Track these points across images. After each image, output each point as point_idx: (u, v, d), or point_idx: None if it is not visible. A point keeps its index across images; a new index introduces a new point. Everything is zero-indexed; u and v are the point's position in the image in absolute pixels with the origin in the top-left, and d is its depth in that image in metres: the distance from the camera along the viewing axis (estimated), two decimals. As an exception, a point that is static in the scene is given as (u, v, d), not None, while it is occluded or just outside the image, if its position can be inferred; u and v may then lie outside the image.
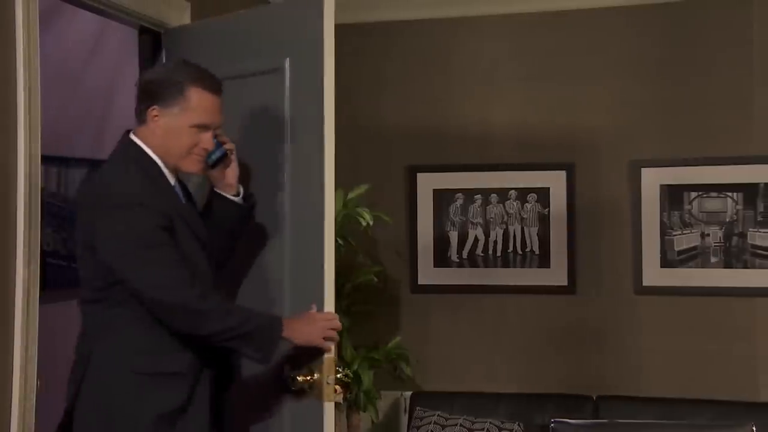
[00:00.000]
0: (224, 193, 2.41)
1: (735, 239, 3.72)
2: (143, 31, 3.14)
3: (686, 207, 3.78)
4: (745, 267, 3.70)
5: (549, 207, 3.95)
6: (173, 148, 2.22)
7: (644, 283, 3.81)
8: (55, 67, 3.68)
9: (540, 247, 3.95)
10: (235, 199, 2.41)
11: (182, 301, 2.10)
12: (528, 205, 3.98)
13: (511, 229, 3.99)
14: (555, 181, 3.94)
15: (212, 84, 2.24)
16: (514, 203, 3.99)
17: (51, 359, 2.77)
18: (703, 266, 3.75)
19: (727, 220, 3.73)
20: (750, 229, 3.70)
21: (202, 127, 2.22)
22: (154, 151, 2.23)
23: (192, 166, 2.26)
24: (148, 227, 2.10)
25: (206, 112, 2.21)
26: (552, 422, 3.46)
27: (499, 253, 3.99)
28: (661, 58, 3.83)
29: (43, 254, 2.73)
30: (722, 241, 3.73)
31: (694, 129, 3.78)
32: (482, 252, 4.00)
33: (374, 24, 4.12)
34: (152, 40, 3.14)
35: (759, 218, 3.69)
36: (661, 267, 3.80)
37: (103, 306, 2.16)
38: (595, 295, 3.88)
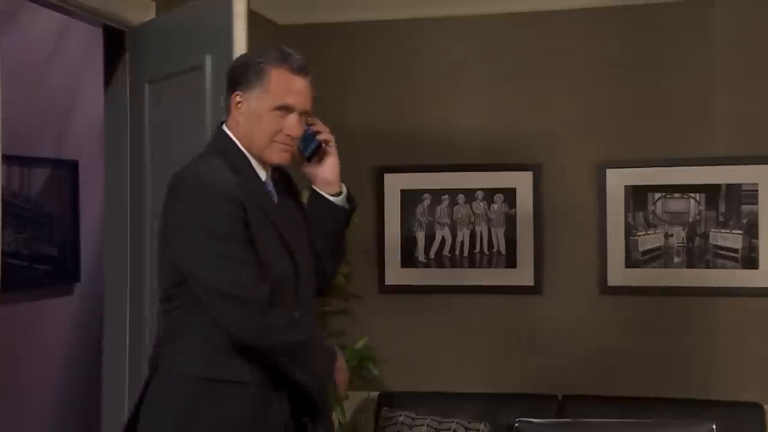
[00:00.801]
0: (321, 192, 2.21)
1: (697, 240, 3.77)
2: (107, 29, 3.11)
3: (650, 208, 3.83)
4: (707, 267, 3.75)
5: (515, 208, 3.97)
6: (256, 136, 2.05)
7: (609, 283, 3.85)
8: (16, 66, 3.63)
9: (506, 247, 3.97)
10: (333, 198, 2.21)
11: (244, 298, 1.93)
12: (495, 206, 4.00)
13: (477, 229, 4.00)
14: (521, 182, 3.96)
15: (295, 64, 2.06)
16: (481, 204, 4.00)
17: (13, 361, 2.75)
18: (666, 266, 3.80)
19: (690, 220, 3.78)
20: (712, 230, 3.75)
21: (285, 110, 2.04)
22: (240, 143, 2.08)
23: (276, 156, 2.07)
24: (224, 216, 1.95)
25: (288, 92, 2.04)
26: (516, 422, 3.48)
27: (465, 254, 4.01)
28: (626, 60, 3.87)
29: (4, 254, 2.69)
30: (685, 241, 3.78)
31: (657, 130, 3.83)
32: (449, 252, 4.01)
33: (341, 24, 4.12)
34: (116, 39, 3.11)
35: (720, 219, 3.74)
36: (625, 267, 3.84)
37: (172, 307, 2.05)
38: (561, 295, 3.91)
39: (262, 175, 2.11)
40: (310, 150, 2.17)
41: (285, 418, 2.07)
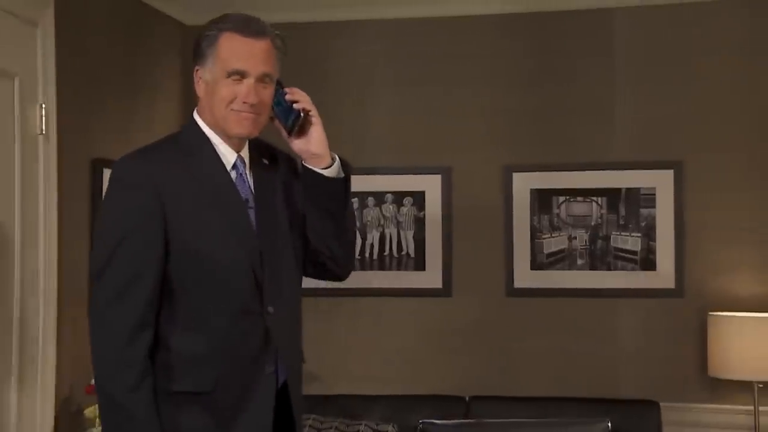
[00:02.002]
0: (311, 167, 2.03)
1: (599, 242, 3.87)
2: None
3: (555, 211, 3.91)
4: (609, 269, 3.85)
5: (424, 210, 4.00)
6: (214, 107, 1.94)
7: (515, 285, 3.92)
8: None
9: (415, 250, 4.00)
10: (324, 172, 2.02)
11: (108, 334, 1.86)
12: (404, 209, 4.02)
13: (387, 232, 4.02)
14: (430, 185, 3.99)
15: (247, 27, 1.95)
16: (390, 207, 4.02)
17: None
18: (570, 268, 3.89)
19: (592, 223, 3.88)
20: (613, 233, 3.86)
21: (237, 75, 1.92)
22: (207, 123, 1.98)
23: (236, 126, 1.94)
24: (120, 217, 1.89)
25: (239, 57, 1.92)
26: (420, 423, 3.51)
27: (375, 256, 4.02)
28: (531, 66, 3.94)
29: None
30: (588, 244, 3.88)
31: (560, 135, 3.92)
32: (359, 255, 4.01)
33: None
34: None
35: (621, 222, 3.85)
36: (531, 269, 3.91)
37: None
38: (469, 297, 3.96)
39: (231, 156, 1.99)
40: (290, 122, 2.01)
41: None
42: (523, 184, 3.91)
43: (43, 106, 3.05)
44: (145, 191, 1.89)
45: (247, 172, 2.02)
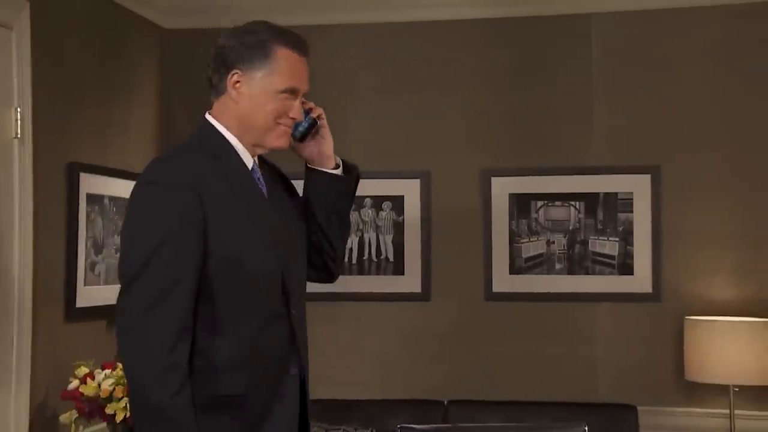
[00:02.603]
0: (324, 169, 2.09)
1: (577, 246, 3.89)
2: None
3: (533, 215, 3.92)
4: (587, 273, 3.87)
5: (403, 215, 4.00)
6: (258, 119, 1.94)
7: (494, 290, 3.92)
8: None
9: (394, 254, 4.00)
10: (336, 172, 2.10)
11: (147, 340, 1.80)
12: (383, 213, 4.02)
13: (366, 236, 4.02)
14: (409, 189, 3.99)
15: (301, 44, 1.98)
16: (369, 211, 4.02)
17: None
18: (548, 273, 3.90)
19: (570, 228, 3.90)
20: (591, 237, 3.88)
21: (292, 93, 1.95)
22: (229, 130, 1.96)
23: (278, 140, 1.97)
24: (169, 212, 1.82)
25: (296, 75, 1.95)
26: (398, 428, 3.50)
27: (354, 261, 4.02)
28: (510, 70, 3.96)
29: None
30: (566, 248, 3.89)
31: (539, 140, 3.93)
32: (338, 259, 4.01)
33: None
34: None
35: (599, 226, 3.87)
36: (510, 273, 3.93)
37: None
38: (448, 302, 3.96)
39: (249, 161, 1.99)
40: (303, 129, 2.06)
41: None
42: (502, 188, 3.92)
43: (19, 109, 3.03)
44: (186, 193, 1.85)
45: (261, 179, 2.04)
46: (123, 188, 3.72)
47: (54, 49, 3.33)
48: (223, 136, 1.97)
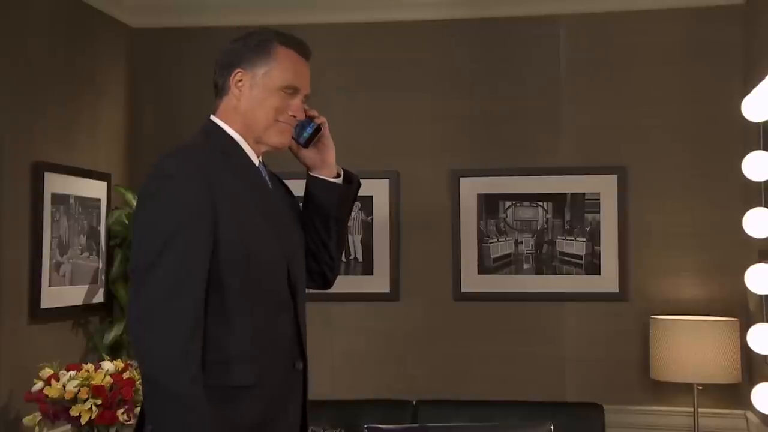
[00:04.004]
0: (324, 176, 2.14)
1: (545, 247, 3.91)
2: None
3: (501, 215, 3.94)
4: (554, 273, 3.90)
5: (372, 215, 4.00)
6: (259, 116, 1.99)
7: (463, 290, 3.94)
8: None
9: (363, 254, 4.00)
10: (338, 180, 2.15)
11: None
12: (352, 213, 4.01)
13: (335, 236, 4.01)
14: (378, 190, 4.00)
15: (301, 47, 2.05)
16: (338, 211, 4.01)
17: None
18: (516, 273, 3.92)
19: (538, 228, 3.92)
20: (558, 237, 3.90)
21: (292, 91, 2.01)
22: (235, 127, 2.01)
23: (278, 137, 2.01)
24: (183, 203, 1.84)
25: (296, 73, 2.01)
26: (365, 428, 3.50)
27: (323, 261, 4.00)
28: (478, 71, 3.98)
29: None
30: (534, 248, 3.92)
31: (507, 140, 3.95)
32: (306, 260, 4.00)
33: (198, 29, 4.05)
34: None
35: (566, 227, 3.90)
36: (478, 274, 3.94)
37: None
38: (417, 302, 3.97)
39: (255, 161, 2.04)
40: (307, 134, 2.10)
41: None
42: (470, 188, 3.94)
43: (-19, 108, 2.99)
44: (199, 185, 1.88)
45: (267, 177, 2.08)
46: (89, 188, 3.69)
47: (18, 49, 3.29)
48: (228, 135, 2.01)
